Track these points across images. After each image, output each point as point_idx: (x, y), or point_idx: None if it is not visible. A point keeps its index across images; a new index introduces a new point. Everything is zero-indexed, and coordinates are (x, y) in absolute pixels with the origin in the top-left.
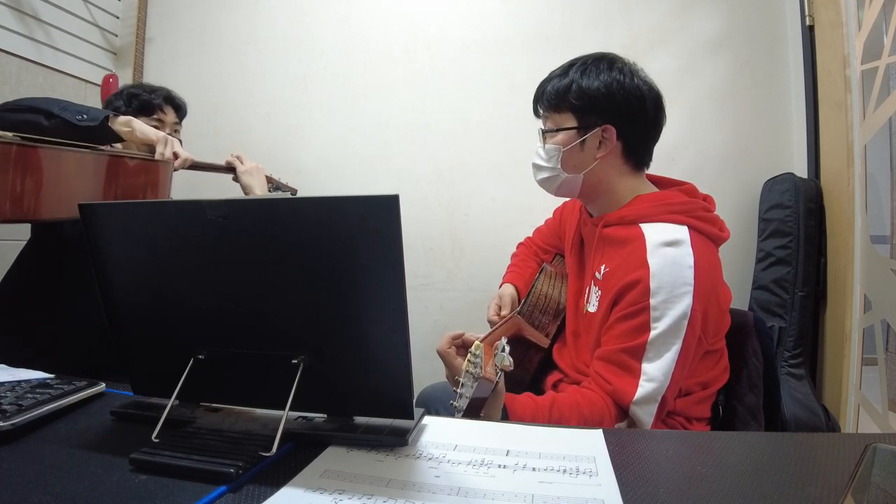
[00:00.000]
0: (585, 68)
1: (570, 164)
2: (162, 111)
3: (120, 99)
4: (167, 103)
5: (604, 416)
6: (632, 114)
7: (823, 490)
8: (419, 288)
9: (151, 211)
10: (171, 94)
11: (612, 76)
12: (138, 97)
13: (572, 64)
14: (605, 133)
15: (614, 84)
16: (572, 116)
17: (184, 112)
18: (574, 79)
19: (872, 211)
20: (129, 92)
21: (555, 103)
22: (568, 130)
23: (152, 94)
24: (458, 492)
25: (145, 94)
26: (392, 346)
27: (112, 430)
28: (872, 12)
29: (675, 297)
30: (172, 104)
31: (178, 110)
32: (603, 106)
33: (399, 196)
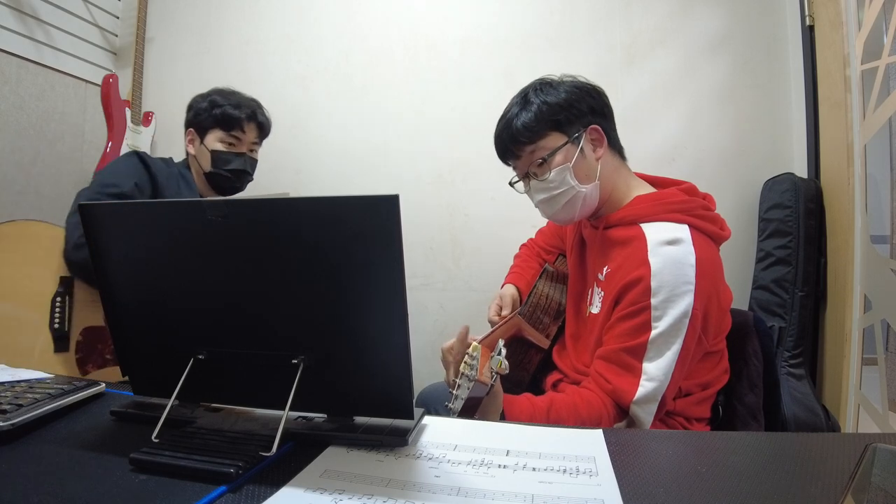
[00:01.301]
0: (540, 91)
1: (583, 175)
2: (242, 129)
3: (205, 101)
4: (250, 121)
5: (602, 417)
6: (599, 108)
7: (823, 490)
8: (419, 288)
9: (151, 211)
10: (257, 112)
11: (566, 86)
12: (222, 108)
13: (522, 95)
14: (593, 133)
15: (573, 90)
16: (558, 133)
17: (266, 132)
18: (539, 101)
19: (872, 211)
20: (214, 99)
21: (535, 130)
22: (563, 147)
23: (238, 109)
24: (458, 492)
25: (230, 106)
26: (392, 346)
27: (112, 430)
28: (872, 12)
29: (676, 297)
30: (256, 122)
31: (261, 129)
32: (578, 110)
33: (399, 196)
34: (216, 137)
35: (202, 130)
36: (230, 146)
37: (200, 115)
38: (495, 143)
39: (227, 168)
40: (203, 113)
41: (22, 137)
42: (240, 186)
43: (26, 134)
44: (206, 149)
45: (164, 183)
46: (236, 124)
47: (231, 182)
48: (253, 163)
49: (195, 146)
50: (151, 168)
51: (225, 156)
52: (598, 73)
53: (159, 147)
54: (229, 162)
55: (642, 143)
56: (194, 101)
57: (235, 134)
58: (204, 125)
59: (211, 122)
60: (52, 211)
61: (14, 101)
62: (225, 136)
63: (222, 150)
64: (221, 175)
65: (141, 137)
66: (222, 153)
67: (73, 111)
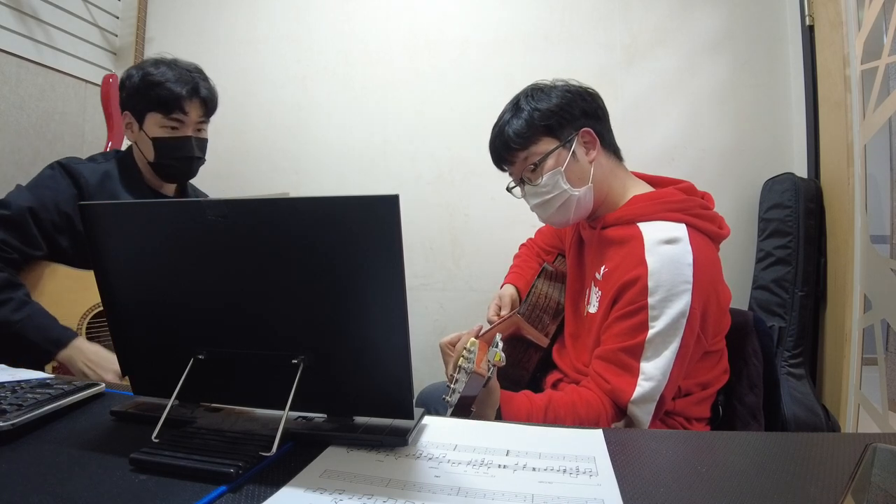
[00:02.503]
0: (531, 97)
1: (576, 178)
2: (183, 110)
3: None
4: (192, 98)
5: (600, 416)
6: (592, 110)
7: (823, 490)
8: (419, 288)
9: (151, 211)
10: (200, 86)
11: (558, 90)
12: (158, 87)
13: (514, 103)
14: (586, 136)
15: (565, 94)
16: (550, 138)
17: (212, 106)
18: (530, 108)
19: (872, 211)
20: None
21: (527, 136)
22: (554, 151)
23: (177, 85)
24: (458, 492)
25: (169, 83)
26: (392, 346)
27: (112, 430)
28: (872, 12)
29: (674, 296)
30: (199, 98)
31: (206, 105)
32: (570, 114)
33: (399, 196)
34: (155, 122)
35: (139, 113)
36: (173, 130)
37: (134, 95)
38: (490, 150)
39: (173, 156)
40: (137, 93)
41: (22, 137)
42: (190, 173)
43: (26, 134)
44: (147, 136)
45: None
46: (175, 105)
47: (179, 171)
48: (202, 143)
49: (134, 132)
50: (80, 179)
51: (168, 142)
52: (598, 73)
53: None
54: (174, 149)
55: (642, 143)
56: (126, 76)
57: (176, 116)
58: (140, 107)
59: (147, 103)
60: None
61: (14, 101)
62: (165, 121)
63: (164, 136)
64: (167, 165)
65: None
66: (165, 140)
67: (73, 111)
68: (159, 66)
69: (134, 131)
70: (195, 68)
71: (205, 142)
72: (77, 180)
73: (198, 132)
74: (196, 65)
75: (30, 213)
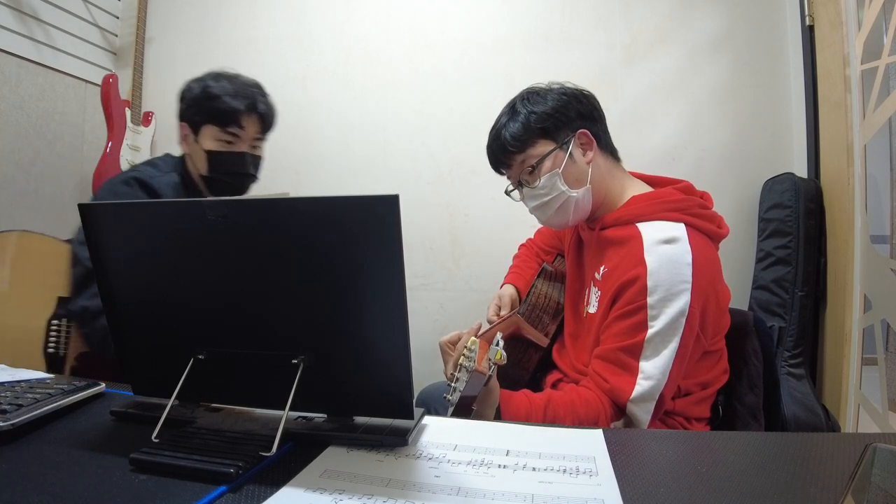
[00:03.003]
0: (527, 100)
1: (573, 179)
2: (240, 125)
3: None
4: (250, 113)
5: (599, 416)
6: (588, 112)
7: (823, 490)
8: (419, 288)
9: (151, 211)
10: (258, 101)
11: (553, 93)
12: (217, 100)
13: (511, 106)
14: (582, 138)
15: (560, 97)
16: (546, 140)
17: (270, 123)
18: (527, 111)
19: (872, 211)
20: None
21: (523, 140)
22: (551, 154)
23: (235, 99)
24: (458, 492)
25: (226, 97)
26: (392, 346)
27: (112, 430)
28: (872, 12)
29: (673, 295)
30: (256, 114)
31: (263, 121)
32: (566, 116)
33: (399, 196)
34: (211, 135)
35: (195, 125)
36: (228, 144)
37: (192, 106)
38: (487, 154)
39: (226, 171)
40: (195, 105)
41: (22, 137)
42: (241, 190)
43: (26, 134)
44: (201, 148)
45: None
46: (233, 119)
47: (231, 187)
48: (256, 161)
49: (189, 143)
50: (158, 193)
51: (222, 157)
52: (598, 73)
53: (159, 148)
54: (228, 164)
55: (642, 143)
56: (186, 87)
57: (233, 130)
58: (197, 119)
59: (204, 115)
60: (51, 211)
61: (14, 101)
62: (221, 134)
63: (219, 150)
64: (219, 180)
65: (141, 137)
66: (219, 154)
67: (73, 111)
68: (219, 80)
69: (189, 143)
70: (255, 84)
71: (259, 159)
72: (157, 196)
73: (253, 149)
74: (256, 81)
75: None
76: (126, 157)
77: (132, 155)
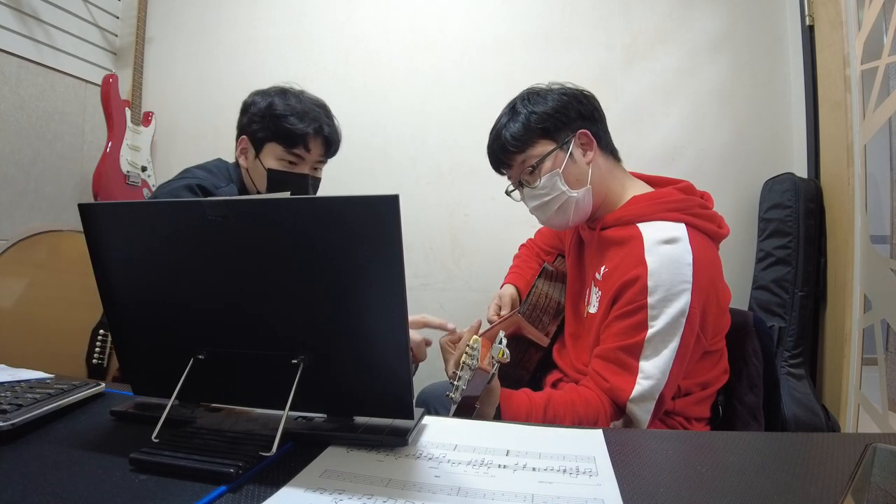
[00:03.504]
0: (528, 101)
1: (574, 179)
2: (306, 148)
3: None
4: (317, 136)
5: (599, 415)
6: (588, 112)
7: (823, 490)
8: (419, 288)
9: (151, 211)
10: (324, 125)
11: (554, 94)
12: (284, 120)
13: (511, 106)
14: (582, 138)
15: (561, 97)
16: (547, 140)
17: (334, 148)
18: (527, 111)
19: (872, 211)
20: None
21: (524, 140)
22: (552, 153)
23: (303, 121)
24: (458, 492)
25: (294, 117)
26: (392, 346)
27: (112, 430)
28: (872, 12)
29: (673, 295)
30: (322, 137)
31: (328, 146)
32: (566, 117)
33: (399, 196)
34: (274, 154)
35: (258, 142)
36: (291, 165)
37: (257, 122)
38: (487, 154)
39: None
40: (260, 121)
41: (22, 137)
42: None
43: (26, 134)
44: (262, 165)
45: None
46: (300, 141)
47: None
48: (317, 183)
49: (248, 159)
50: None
51: (285, 177)
52: (598, 73)
53: (159, 148)
54: (289, 185)
55: (642, 143)
56: (251, 101)
57: (297, 152)
58: (260, 136)
59: (268, 133)
60: (51, 211)
61: (14, 101)
62: (284, 154)
63: (281, 169)
64: None
65: (141, 137)
66: (282, 174)
67: (73, 111)
68: (286, 97)
69: (249, 158)
70: (321, 104)
71: (318, 182)
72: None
73: (314, 171)
74: (322, 101)
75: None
76: (126, 157)
77: (132, 155)
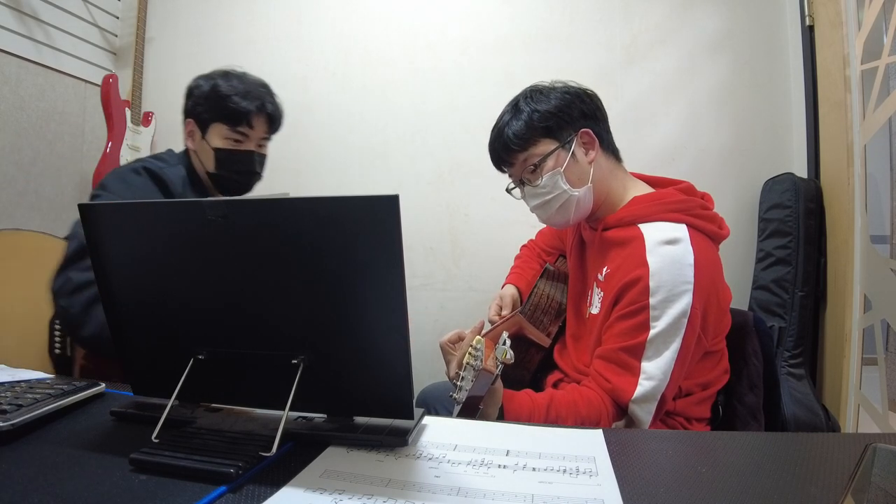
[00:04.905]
0: (530, 99)
1: (575, 178)
2: (250, 125)
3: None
4: (260, 114)
5: (601, 415)
6: (591, 111)
7: (823, 490)
8: (419, 288)
9: (151, 211)
10: (266, 102)
11: (557, 92)
12: (227, 99)
13: (514, 104)
14: (584, 137)
15: (564, 96)
16: (549, 139)
17: (277, 124)
18: (530, 109)
19: (872, 211)
20: (217, 85)
21: (526, 138)
22: (554, 152)
23: (246, 99)
24: (458, 492)
25: (237, 97)
26: (392, 346)
27: (112, 430)
28: (872, 12)
29: (675, 296)
30: (265, 114)
31: (272, 122)
32: (569, 116)
33: (399, 196)
34: (220, 133)
35: (203, 123)
36: (236, 143)
37: (201, 104)
38: (489, 152)
39: (234, 169)
40: (204, 102)
41: (22, 137)
42: (247, 188)
43: (26, 134)
44: (209, 146)
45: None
46: (243, 119)
47: (237, 184)
48: (262, 160)
49: (195, 141)
50: (169, 186)
51: (231, 155)
52: (598, 73)
53: (159, 148)
54: (236, 162)
55: (642, 143)
56: (195, 84)
57: (242, 130)
58: (205, 117)
59: (213, 114)
60: (51, 211)
61: (14, 101)
62: (229, 133)
63: (227, 147)
64: (227, 177)
65: (141, 138)
66: (228, 152)
67: (73, 111)
68: (229, 78)
69: (195, 140)
70: (263, 84)
71: (265, 158)
72: (167, 187)
73: (259, 147)
74: (264, 81)
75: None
76: (126, 157)
77: (132, 155)
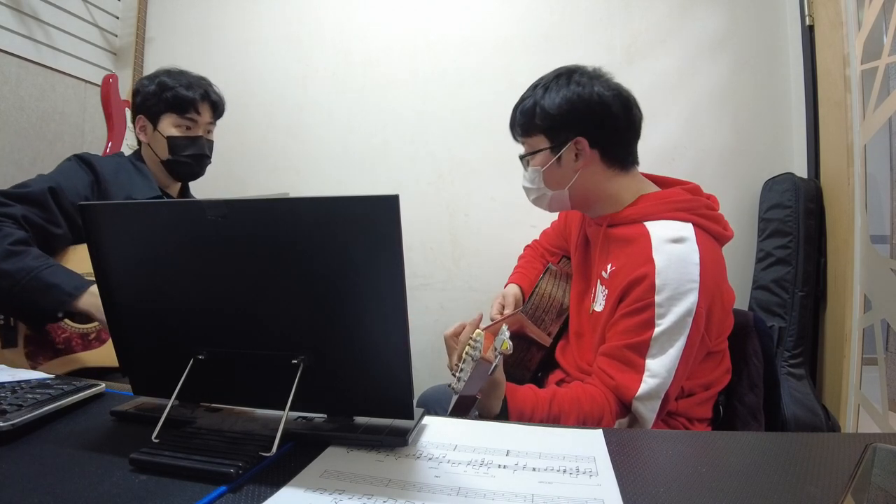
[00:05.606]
0: (546, 88)
1: (553, 181)
2: (196, 111)
3: (152, 84)
4: (204, 101)
5: (604, 412)
6: (598, 121)
7: (823, 490)
8: (419, 288)
9: (151, 211)
10: (209, 91)
11: (570, 90)
12: (174, 91)
13: (536, 85)
14: (578, 145)
15: (574, 97)
16: (543, 137)
17: (220, 111)
18: (536, 100)
19: (872, 211)
20: (162, 81)
21: (525, 128)
22: (543, 151)
23: (190, 89)
24: (458, 492)
25: (181, 87)
26: (392, 346)
27: (112, 430)
28: (872, 12)
29: (681, 294)
30: (209, 101)
31: (215, 109)
32: (568, 121)
33: (399, 196)
34: (170, 122)
35: (153, 116)
36: (186, 130)
37: (150, 99)
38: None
39: (186, 154)
40: (152, 97)
41: (22, 137)
42: (199, 171)
43: (26, 134)
44: (161, 135)
45: (112, 178)
46: (190, 106)
47: (191, 168)
48: (210, 144)
49: (147, 134)
50: (95, 167)
51: (182, 141)
52: None
53: None
54: (187, 147)
55: (642, 144)
56: (140, 85)
57: (190, 116)
58: (155, 110)
59: (162, 106)
60: None
61: (14, 101)
62: (179, 120)
63: (178, 135)
64: (181, 162)
65: None
66: (179, 139)
67: (73, 111)
68: (171, 75)
69: (148, 133)
70: (203, 77)
71: (212, 143)
72: (94, 168)
73: (207, 133)
74: (202, 75)
75: (50, 192)
76: None
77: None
